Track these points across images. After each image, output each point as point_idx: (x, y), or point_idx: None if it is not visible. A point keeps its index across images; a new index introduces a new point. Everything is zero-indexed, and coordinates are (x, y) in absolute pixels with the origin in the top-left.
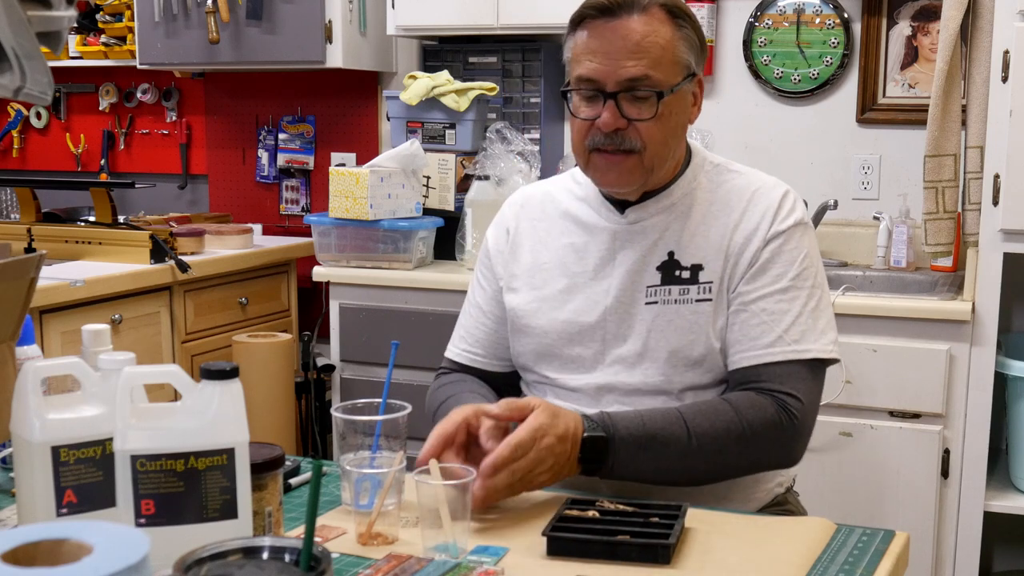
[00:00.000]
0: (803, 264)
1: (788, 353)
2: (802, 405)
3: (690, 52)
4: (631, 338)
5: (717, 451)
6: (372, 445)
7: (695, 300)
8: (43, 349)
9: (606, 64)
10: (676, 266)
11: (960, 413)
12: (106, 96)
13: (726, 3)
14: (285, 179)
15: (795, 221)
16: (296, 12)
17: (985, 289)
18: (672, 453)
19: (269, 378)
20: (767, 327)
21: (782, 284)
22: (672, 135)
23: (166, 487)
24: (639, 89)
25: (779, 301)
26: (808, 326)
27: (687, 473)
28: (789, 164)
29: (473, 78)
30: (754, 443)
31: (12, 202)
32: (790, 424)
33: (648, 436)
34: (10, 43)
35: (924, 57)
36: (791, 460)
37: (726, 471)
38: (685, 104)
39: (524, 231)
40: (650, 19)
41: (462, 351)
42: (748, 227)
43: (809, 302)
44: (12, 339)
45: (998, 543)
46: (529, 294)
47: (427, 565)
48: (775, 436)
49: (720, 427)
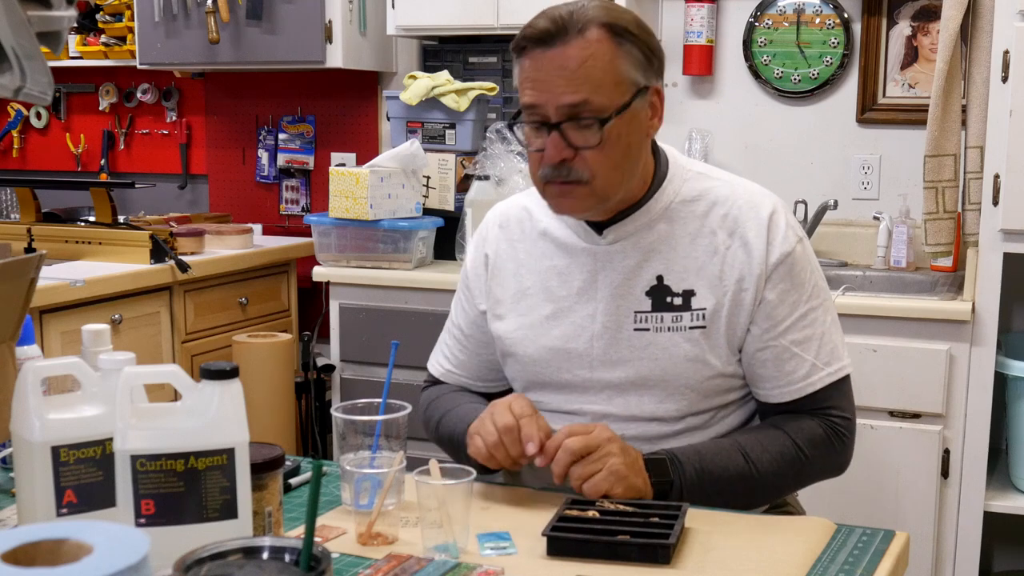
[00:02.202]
0: (811, 282)
1: (825, 379)
2: (848, 422)
3: (635, 68)
4: (621, 365)
5: (775, 475)
6: (372, 445)
7: (689, 327)
8: (43, 349)
9: (545, 94)
10: (667, 292)
11: (960, 413)
12: (106, 96)
13: (726, 3)
14: (285, 179)
15: (793, 243)
16: (296, 12)
17: (985, 289)
18: (734, 486)
19: (269, 378)
20: (800, 360)
21: (801, 311)
22: (625, 157)
23: (166, 487)
24: (582, 117)
25: (802, 329)
26: (834, 343)
27: (746, 500)
28: (789, 164)
29: (473, 78)
30: (809, 465)
31: (12, 202)
32: (840, 442)
33: (709, 474)
34: (10, 43)
35: (924, 57)
36: (841, 471)
37: (781, 494)
38: (638, 122)
39: (504, 254)
40: (587, 42)
41: (446, 371)
42: (740, 256)
43: (826, 317)
44: (12, 339)
45: (998, 543)
46: (515, 321)
47: (427, 565)
48: (828, 455)
49: (776, 454)
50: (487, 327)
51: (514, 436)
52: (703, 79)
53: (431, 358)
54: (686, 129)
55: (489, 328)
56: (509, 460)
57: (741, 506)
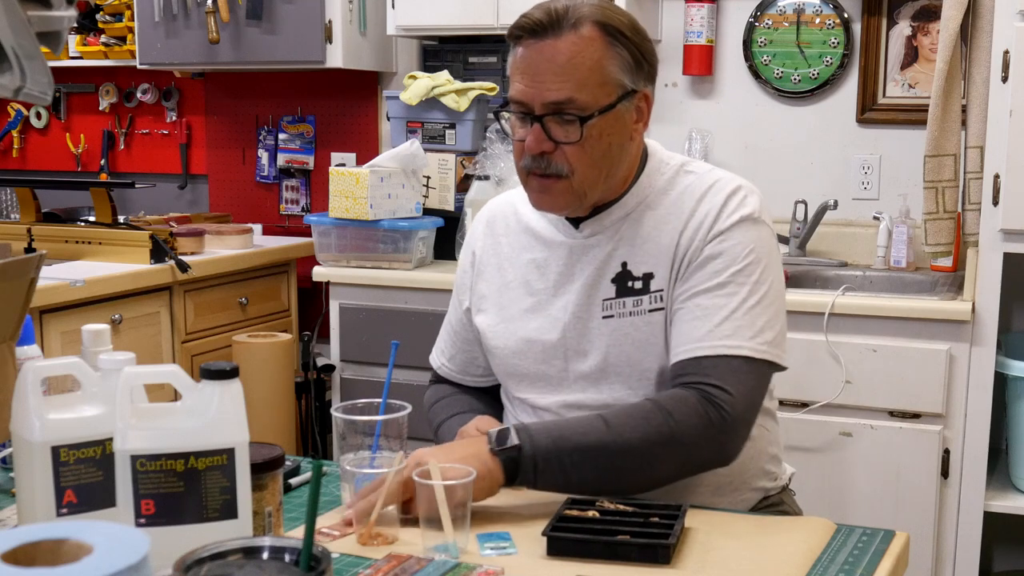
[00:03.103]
0: (747, 259)
1: (717, 348)
2: (730, 397)
3: (623, 71)
4: (591, 353)
5: (642, 441)
6: (372, 445)
7: (648, 311)
8: (43, 349)
9: (532, 86)
10: (628, 277)
11: (960, 413)
12: (106, 96)
13: (726, 3)
14: (285, 179)
15: (741, 217)
16: (296, 12)
17: (985, 289)
18: (596, 455)
19: (269, 378)
20: (700, 322)
21: (720, 279)
22: (604, 157)
23: (166, 487)
24: (565, 112)
25: (715, 296)
26: (744, 323)
27: (616, 476)
28: (789, 164)
29: (473, 78)
30: (680, 433)
31: (12, 202)
32: (717, 416)
33: (567, 441)
34: (10, 43)
35: (924, 57)
36: (724, 457)
37: (656, 470)
38: (621, 124)
39: (489, 250)
40: (579, 39)
41: (441, 364)
42: (693, 226)
43: (749, 299)
44: (12, 339)
45: (998, 543)
46: (496, 315)
47: (427, 565)
48: (701, 426)
49: (639, 419)
50: (470, 324)
51: None
52: (703, 79)
53: (432, 353)
54: (686, 129)
55: (472, 325)
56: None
57: (616, 486)
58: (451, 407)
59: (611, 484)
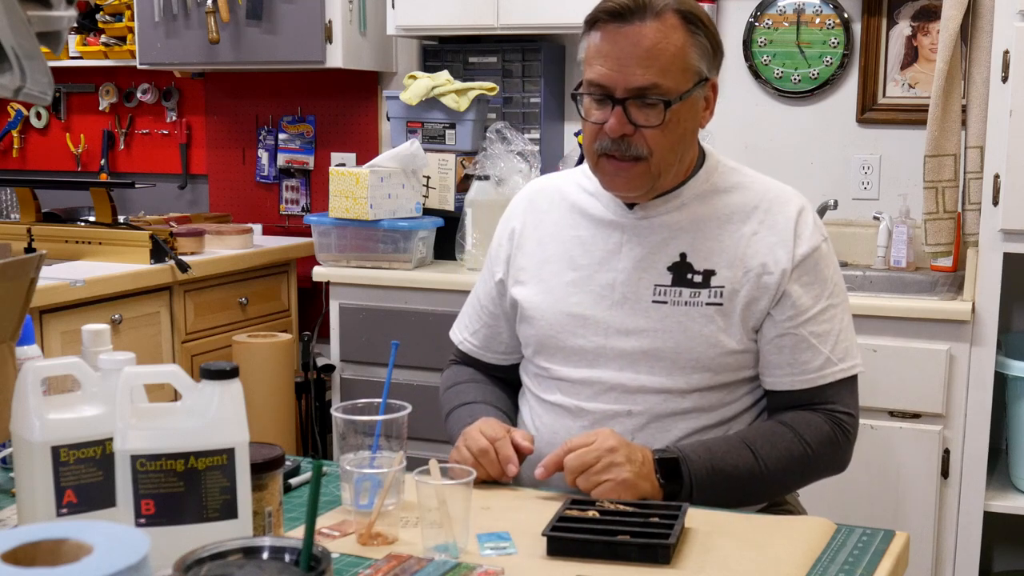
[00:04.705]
0: (834, 280)
1: (837, 373)
2: (853, 419)
3: (702, 59)
4: (635, 335)
5: (782, 472)
6: (372, 445)
7: (705, 303)
8: (43, 349)
9: (616, 70)
10: (689, 268)
11: (960, 413)
12: (106, 96)
13: (726, 3)
14: (285, 179)
15: (820, 240)
16: (296, 12)
17: (985, 289)
18: (744, 484)
19: (269, 378)
20: (816, 351)
21: (822, 305)
22: (680, 141)
23: (166, 487)
24: (648, 97)
25: (822, 323)
26: (849, 342)
27: (752, 497)
28: (789, 164)
29: (473, 78)
30: (815, 462)
31: (12, 202)
32: (844, 439)
33: (719, 473)
34: (10, 43)
35: (924, 57)
36: (842, 469)
37: (786, 491)
38: (695, 110)
39: (530, 225)
40: (662, 25)
41: (463, 339)
42: (766, 244)
43: (844, 316)
44: (12, 339)
45: (998, 543)
46: (536, 286)
47: (427, 565)
48: (833, 452)
49: (783, 450)
50: (499, 298)
51: (491, 458)
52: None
53: (453, 325)
54: None
55: (501, 299)
56: (491, 478)
57: (745, 503)
58: (464, 394)
59: (742, 502)
